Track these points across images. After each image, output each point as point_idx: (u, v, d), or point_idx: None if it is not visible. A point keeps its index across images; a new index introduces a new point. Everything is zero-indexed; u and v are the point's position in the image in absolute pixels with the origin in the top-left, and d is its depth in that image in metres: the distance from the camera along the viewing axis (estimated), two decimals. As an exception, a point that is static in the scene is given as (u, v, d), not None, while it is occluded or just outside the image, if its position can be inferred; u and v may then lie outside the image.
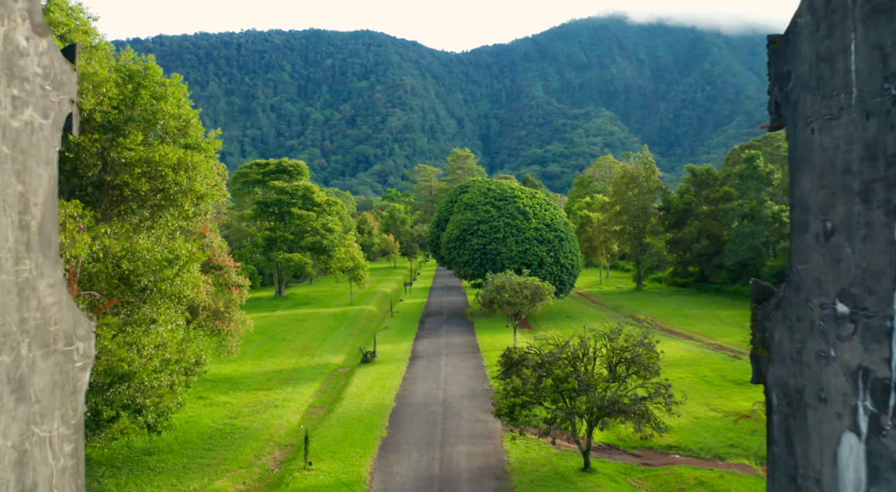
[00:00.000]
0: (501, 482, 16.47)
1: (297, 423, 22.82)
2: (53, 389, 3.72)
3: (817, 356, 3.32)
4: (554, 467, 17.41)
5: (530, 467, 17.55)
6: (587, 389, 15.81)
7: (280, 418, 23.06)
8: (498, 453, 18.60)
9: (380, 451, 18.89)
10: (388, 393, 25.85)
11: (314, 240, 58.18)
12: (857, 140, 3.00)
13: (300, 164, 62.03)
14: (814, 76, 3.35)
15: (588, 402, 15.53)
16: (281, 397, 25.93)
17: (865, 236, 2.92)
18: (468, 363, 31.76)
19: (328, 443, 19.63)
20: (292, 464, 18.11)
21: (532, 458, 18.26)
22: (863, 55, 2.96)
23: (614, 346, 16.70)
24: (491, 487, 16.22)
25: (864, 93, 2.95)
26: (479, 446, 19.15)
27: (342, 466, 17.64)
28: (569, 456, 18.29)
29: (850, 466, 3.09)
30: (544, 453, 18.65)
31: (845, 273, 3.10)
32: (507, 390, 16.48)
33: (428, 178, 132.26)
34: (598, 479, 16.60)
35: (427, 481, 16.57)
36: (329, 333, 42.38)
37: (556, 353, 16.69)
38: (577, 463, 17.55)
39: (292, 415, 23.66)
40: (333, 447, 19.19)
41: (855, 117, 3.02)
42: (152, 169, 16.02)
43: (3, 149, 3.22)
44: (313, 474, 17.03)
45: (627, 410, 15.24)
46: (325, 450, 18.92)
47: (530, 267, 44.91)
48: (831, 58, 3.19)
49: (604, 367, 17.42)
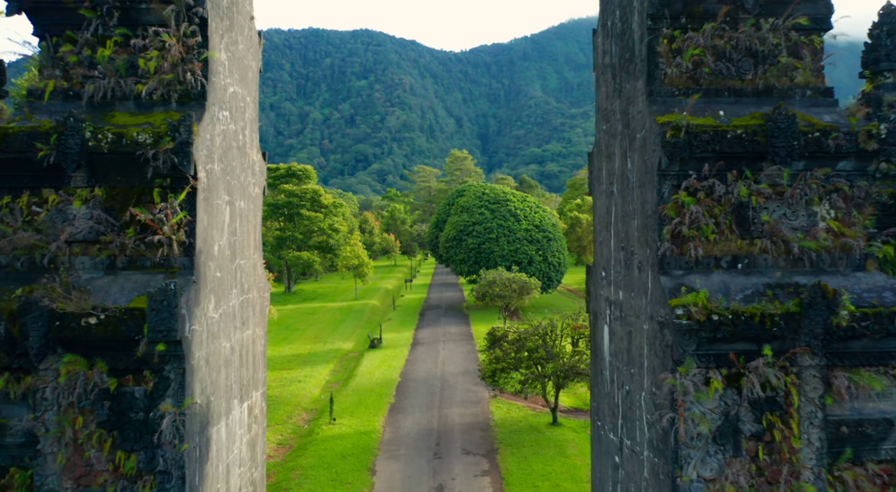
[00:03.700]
0: (486, 433, 20.82)
1: (318, 394, 27.16)
2: (257, 359, 8.04)
3: (597, 296, 7.66)
4: (529, 423, 21.76)
5: (510, 422, 21.90)
6: (553, 357, 20.15)
7: (303, 389, 27.38)
8: (485, 414, 22.94)
9: (389, 412, 23.24)
10: (394, 371, 30.19)
11: (321, 239, 62.53)
12: (606, 205, 7.35)
13: (308, 168, 66.33)
14: (595, 170, 7.69)
15: (554, 367, 19.88)
16: (302, 374, 30.24)
17: (602, 242, 7.27)
18: (463, 348, 36.09)
19: (346, 407, 23.96)
20: (319, 421, 22.46)
21: (512, 417, 22.61)
22: (604, 168, 7.31)
23: (575, 325, 21.02)
24: (478, 436, 20.56)
25: (608, 184, 7.29)
26: (469, 409, 23.50)
27: (359, 421, 21.99)
28: (541, 415, 22.63)
29: (604, 339, 7.42)
30: (522, 413, 22.99)
31: (604, 259, 7.44)
32: (490, 360, 20.82)
33: (427, 178, 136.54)
34: (563, 430, 20.95)
35: (427, 431, 20.91)
36: (338, 324, 46.66)
37: (529, 330, 21.04)
38: (548, 420, 21.89)
39: (313, 388, 27.99)
40: (351, 410, 23.54)
41: (605, 197, 7.36)
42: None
43: (250, 205, 7.52)
44: (337, 427, 21.38)
45: (583, 372, 19.59)
46: (344, 411, 23.25)
47: (520, 265, 49.24)
48: (600, 168, 7.53)
49: (568, 342, 21.75)
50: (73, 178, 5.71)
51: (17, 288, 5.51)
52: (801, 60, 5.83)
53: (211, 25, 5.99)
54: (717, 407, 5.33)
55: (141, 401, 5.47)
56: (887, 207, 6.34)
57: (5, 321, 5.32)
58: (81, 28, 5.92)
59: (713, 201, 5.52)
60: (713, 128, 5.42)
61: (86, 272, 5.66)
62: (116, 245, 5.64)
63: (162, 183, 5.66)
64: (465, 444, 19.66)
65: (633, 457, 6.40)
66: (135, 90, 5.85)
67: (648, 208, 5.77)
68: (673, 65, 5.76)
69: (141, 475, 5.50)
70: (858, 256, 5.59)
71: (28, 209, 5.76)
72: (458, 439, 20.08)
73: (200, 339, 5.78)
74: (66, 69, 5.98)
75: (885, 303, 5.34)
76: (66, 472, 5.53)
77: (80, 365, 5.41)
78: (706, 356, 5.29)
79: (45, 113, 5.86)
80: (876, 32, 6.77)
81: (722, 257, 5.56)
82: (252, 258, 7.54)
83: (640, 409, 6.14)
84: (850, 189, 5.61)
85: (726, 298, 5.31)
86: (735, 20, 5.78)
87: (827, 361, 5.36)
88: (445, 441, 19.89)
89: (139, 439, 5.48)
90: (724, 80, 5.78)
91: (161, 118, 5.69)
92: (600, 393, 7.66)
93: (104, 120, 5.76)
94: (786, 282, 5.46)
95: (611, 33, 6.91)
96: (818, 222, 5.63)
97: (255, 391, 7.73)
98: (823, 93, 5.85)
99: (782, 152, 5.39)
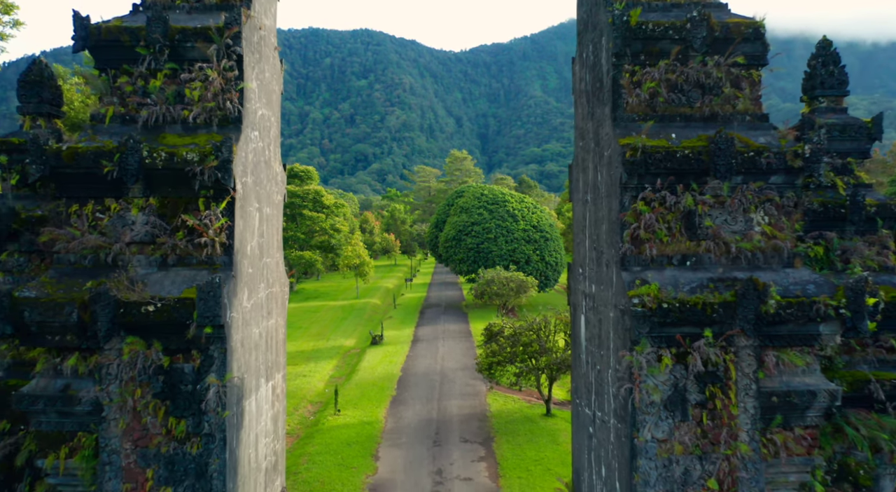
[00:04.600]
0: (483, 422, 21.94)
1: (322, 388, 28.28)
2: (279, 345, 9.15)
3: (575, 290, 8.77)
4: (524, 414, 22.88)
5: (506, 413, 23.02)
6: (546, 351, 21.26)
7: (308, 384, 28.50)
8: (482, 405, 24.06)
9: (391, 403, 24.36)
10: (395, 366, 31.31)
11: (323, 239, 63.67)
12: (582, 211, 8.46)
13: (310, 169, 67.49)
14: (574, 180, 8.80)
15: (547, 361, 20.99)
16: (306, 369, 31.36)
17: (579, 243, 8.38)
18: (462, 345, 37.21)
19: (350, 399, 25.08)
20: (324, 412, 23.58)
21: (508, 408, 23.73)
22: (580, 179, 8.42)
23: (568, 320, 22.11)
24: (475, 425, 21.68)
25: (584, 193, 8.40)
26: (467, 401, 24.62)
27: (363, 413, 23.11)
28: (536, 407, 23.75)
29: (581, 327, 8.53)
30: (517, 405, 24.11)
31: (581, 257, 8.55)
32: (487, 354, 21.94)
33: (426, 178, 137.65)
34: (556, 421, 22.07)
35: (427, 421, 22.03)
36: (340, 322, 47.79)
37: (524, 326, 22.16)
38: (542, 411, 23.01)
39: (318, 382, 29.11)
40: (355, 402, 24.66)
41: (582, 204, 8.46)
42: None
43: (273, 210, 8.62)
44: (342, 418, 22.50)
45: (574, 366, 20.70)
46: (348, 403, 24.37)
47: (518, 264, 50.37)
48: (578, 179, 8.64)
49: (562, 338, 22.86)
50: (131, 189, 6.81)
51: (85, 282, 6.61)
52: (742, 91, 6.94)
53: (245, 60, 7.10)
54: (667, 380, 6.44)
55: (189, 375, 6.57)
56: (818, 213, 7.48)
57: (77, 309, 6.42)
58: (137, 63, 7.02)
59: (665, 209, 6.63)
60: (665, 149, 6.53)
61: (142, 268, 6.76)
62: (168, 246, 6.74)
63: (206, 193, 6.76)
64: (462, 433, 20.77)
65: (602, 426, 7.51)
66: (182, 115, 6.95)
67: (613, 215, 6.88)
68: (633, 95, 6.87)
69: (189, 438, 6.60)
70: (787, 255, 6.70)
71: (93, 216, 6.86)
72: (456, 429, 21.19)
73: (237, 325, 6.89)
74: (124, 97, 7.09)
75: (807, 294, 6.44)
76: (126, 435, 6.63)
77: (140, 345, 6.51)
78: (658, 338, 6.40)
79: (107, 134, 6.97)
80: (813, 63, 7.92)
81: (673, 256, 6.66)
82: (275, 257, 8.65)
83: (607, 384, 7.25)
84: (780, 199, 6.71)
85: (675, 290, 6.41)
86: (685, 57, 6.88)
87: (759, 342, 6.46)
88: (444, 430, 21.01)
89: (188, 408, 6.59)
90: (676, 108, 6.89)
91: (205, 139, 6.80)
92: (578, 374, 8.78)
93: (157, 141, 6.87)
94: (726, 276, 6.56)
95: (586, 64, 8.02)
96: (754, 227, 6.73)
97: (277, 373, 8.85)
98: (760, 118, 6.96)
99: (722, 169, 6.50)
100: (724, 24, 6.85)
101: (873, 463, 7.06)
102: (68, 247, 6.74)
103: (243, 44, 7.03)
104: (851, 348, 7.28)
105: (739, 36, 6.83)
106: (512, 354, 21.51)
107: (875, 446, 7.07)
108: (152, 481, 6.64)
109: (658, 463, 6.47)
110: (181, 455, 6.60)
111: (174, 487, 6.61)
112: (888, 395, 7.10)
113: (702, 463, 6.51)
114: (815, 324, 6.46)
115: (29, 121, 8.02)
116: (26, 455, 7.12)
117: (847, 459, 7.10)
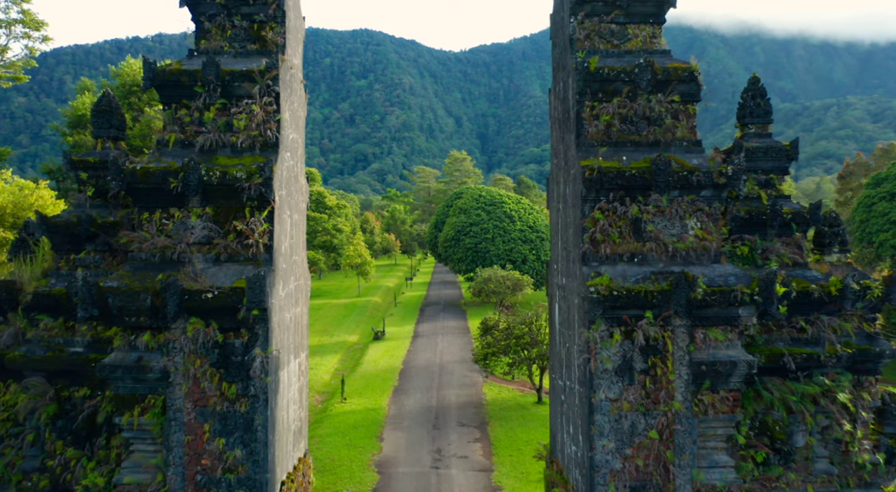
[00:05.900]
0: (479, 409, 23.66)
1: (328, 379, 30.00)
2: (303, 328, 10.86)
3: (551, 282, 10.48)
4: (517, 402, 24.60)
5: (500, 401, 24.74)
6: (538, 343, 22.99)
7: (315, 376, 30.21)
8: (478, 395, 25.79)
9: (393, 393, 26.09)
10: (397, 360, 33.03)
11: (325, 239, 65.40)
12: (555, 217, 10.17)
13: (313, 171, 69.23)
14: (550, 190, 10.51)
15: (538, 352, 22.71)
16: (313, 362, 33.06)
17: (555, 244, 10.09)
18: (460, 341, 38.94)
19: (355, 389, 26.81)
20: (332, 400, 25.30)
21: (502, 397, 25.45)
22: (555, 190, 10.14)
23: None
24: (472, 412, 23.40)
25: (557, 202, 10.12)
26: (464, 390, 26.34)
27: (367, 401, 24.83)
28: (528, 396, 25.48)
29: (556, 313, 10.23)
30: (511, 394, 25.84)
31: (556, 255, 10.25)
32: (482, 345, 23.67)
33: (426, 179, 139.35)
34: (546, 408, 23.78)
35: (427, 408, 23.76)
36: (342, 319, 49.51)
37: (517, 320, 23.89)
38: (533, 399, 24.73)
39: (324, 374, 30.83)
40: (360, 391, 26.38)
41: (555, 211, 10.18)
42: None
43: (300, 217, 10.33)
44: (348, 405, 24.22)
45: (563, 356, 22.45)
46: (353, 393, 26.09)
47: (515, 263, 52.10)
48: (553, 190, 10.35)
49: (552, 330, 24.59)
50: (191, 200, 8.51)
51: (155, 275, 8.31)
52: (680, 122, 8.65)
53: (281, 96, 8.80)
54: (617, 352, 8.15)
55: (239, 348, 8.28)
56: (744, 220, 9.20)
57: (151, 296, 8.12)
58: (194, 98, 8.73)
59: (617, 217, 8.33)
60: (617, 169, 8.23)
61: (201, 264, 8.46)
62: (222, 246, 8.44)
63: (251, 204, 8.46)
64: (460, 418, 22.50)
65: (570, 392, 9.23)
66: (231, 141, 8.66)
67: (577, 221, 8.58)
68: (593, 125, 8.58)
69: (238, 398, 8.30)
70: (714, 253, 8.41)
71: (160, 222, 8.57)
72: (454, 415, 22.92)
73: (275, 309, 8.59)
74: (183, 126, 8.79)
75: (728, 284, 8.14)
76: (188, 396, 8.33)
77: (200, 325, 8.21)
78: (610, 319, 8.11)
79: (170, 156, 8.67)
80: (745, 95, 9.65)
81: (623, 254, 8.37)
82: (301, 255, 10.35)
83: (573, 357, 8.96)
84: (709, 208, 8.42)
85: (624, 281, 8.12)
86: (634, 95, 8.59)
87: (690, 322, 8.17)
88: (443, 416, 22.73)
89: (238, 374, 8.29)
90: (627, 136, 8.60)
91: (250, 160, 8.50)
92: (554, 352, 10.49)
93: (211, 162, 8.58)
94: (665, 270, 8.27)
95: (558, 96, 9.73)
96: (688, 231, 8.44)
97: (302, 352, 10.56)
98: (695, 143, 8.67)
99: (662, 185, 8.20)
100: (666, 69, 8.56)
101: (787, 421, 8.78)
102: (142, 247, 8.45)
103: (280, 84, 8.74)
104: (770, 329, 8.98)
105: (677, 78, 8.54)
106: (506, 345, 23.23)
107: (789, 408, 8.78)
108: (209, 434, 8.34)
109: (611, 417, 8.18)
110: (232, 412, 8.31)
111: (226, 437, 8.32)
112: (799, 366, 8.81)
113: (645, 418, 8.22)
114: (735, 308, 8.17)
115: (100, 143, 9.72)
116: (105, 414, 8.82)
117: (766, 417, 8.82)
